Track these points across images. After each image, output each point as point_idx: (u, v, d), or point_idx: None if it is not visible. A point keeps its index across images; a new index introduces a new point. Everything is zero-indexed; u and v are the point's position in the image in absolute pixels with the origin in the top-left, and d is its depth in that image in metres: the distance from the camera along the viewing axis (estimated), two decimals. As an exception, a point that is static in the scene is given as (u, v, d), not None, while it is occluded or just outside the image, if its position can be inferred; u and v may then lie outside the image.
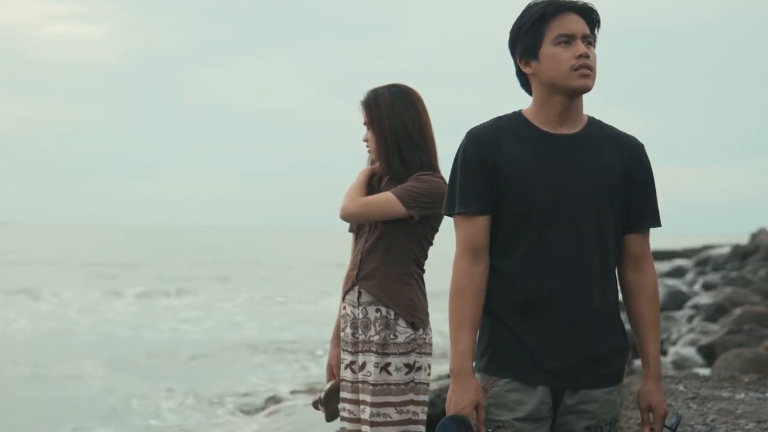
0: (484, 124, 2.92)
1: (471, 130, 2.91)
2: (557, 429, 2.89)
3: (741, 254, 34.13)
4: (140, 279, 35.97)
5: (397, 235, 3.91)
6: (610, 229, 2.86)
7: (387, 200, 3.86)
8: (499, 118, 2.92)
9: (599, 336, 2.87)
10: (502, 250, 2.87)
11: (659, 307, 2.94)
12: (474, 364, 2.90)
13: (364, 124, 4.01)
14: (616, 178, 2.86)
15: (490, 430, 2.86)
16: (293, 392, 11.32)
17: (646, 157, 2.94)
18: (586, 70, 2.81)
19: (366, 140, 4.02)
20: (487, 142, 2.86)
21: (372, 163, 4.07)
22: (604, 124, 2.95)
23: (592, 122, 2.92)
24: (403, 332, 3.88)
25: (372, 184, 4.02)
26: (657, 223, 2.94)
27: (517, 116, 2.91)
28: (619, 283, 2.96)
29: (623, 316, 2.98)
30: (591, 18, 2.87)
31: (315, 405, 4.17)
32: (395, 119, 3.92)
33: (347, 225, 4.10)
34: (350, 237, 4.14)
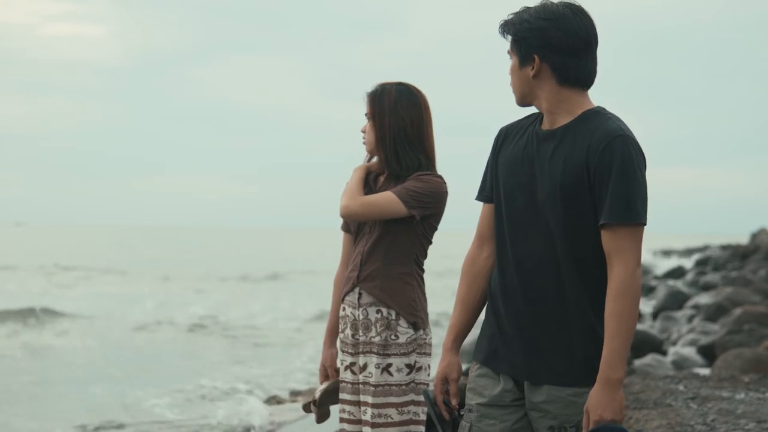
0: (513, 121, 3.11)
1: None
2: (532, 424, 2.96)
3: (741, 254, 34.14)
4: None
5: (397, 236, 3.91)
6: (566, 226, 2.87)
7: (389, 200, 3.86)
8: (527, 116, 3.08)
9: (556, 333, 2.89)
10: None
11: (624, 307, 2.80)
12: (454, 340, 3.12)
13: (366, 114, 4.02)
14: (574, 174, 2.85)
15: (462, 412, 3.04)
16: (293, 392, 11.33)
17: (613, 150, 2.82)
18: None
19: (364, 131, 4.04)
20: (499, 139, 3.08)
21: (368, 160, 4.08)
22: (598, 116, 2.91)
23: (583, 116, 2.92)
24: (405, 333, 3.88)
25: (367, 181, 4.03)
26: (611, 218, 2.81)
27: (537, 115, 3.03)
28: None
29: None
30: (507, 31, 2.98)
31: (306, 407, 4.16)
32: (396, 118, 3.94)
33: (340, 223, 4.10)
34: (342, 235, 4.15)
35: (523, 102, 3.00)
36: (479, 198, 3.11)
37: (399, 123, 3.94)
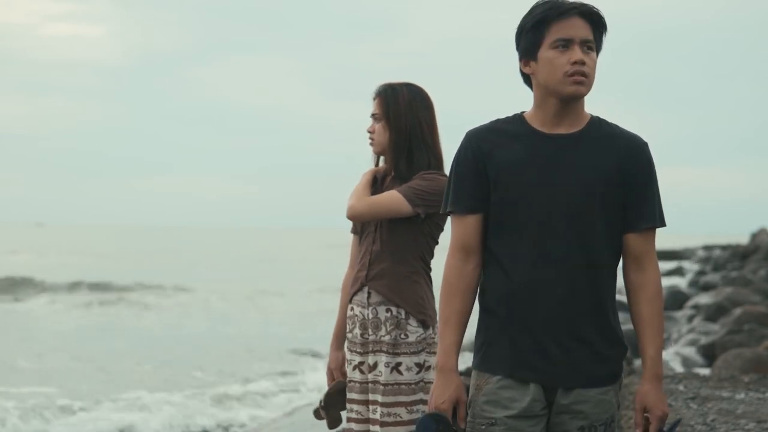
0: (481, 125, 2.99)
1: (468, 130, 2.99)
2: (552, 428, 2.92)
3: (741, 254, 34.16)
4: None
5: (404, 235, 3.93)
6: (600, 229, 2.88)
7: (393, 199, 3.87)
8: (497, 120, 2.98)
9: (586, 335, 2.89)
10: (497, 248, 2.93)
11: (662, 306, 2.93)
12: (472, 360, 2.99)
13: (373, 115, 4.02)
14: (608, 178, 2.87)
15: (483, 427, 2.91)
16: (293, 392, 11.33)
17: (646, 155, 2.92)
18: (579, 76, 2.84)
19: (371, 131, 4.03)
20: (481, 143, 2.93)
21: (376, 161, 4.08)
22: (608, 123, 2.96)
23: (594, 122, 2.94)
24: (414, 331, 3.89)
25: (376, 180, 4.04)
26: (655, 221, 2.92)
27: (516, 118, 2.96)
28: (624, 282, 3.00)
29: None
30: (597, 22, 2.89)
31: (316, 413, 4.14)
32: (412, 118, 3.95)
33: (350, 224, 4.10)
34: (351, 237, 4.15)
35: (579, 99, 2.89)
36: (460, 210, 2.95)
37: (415, 123, 3.95)
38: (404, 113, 3.95)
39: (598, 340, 2.90)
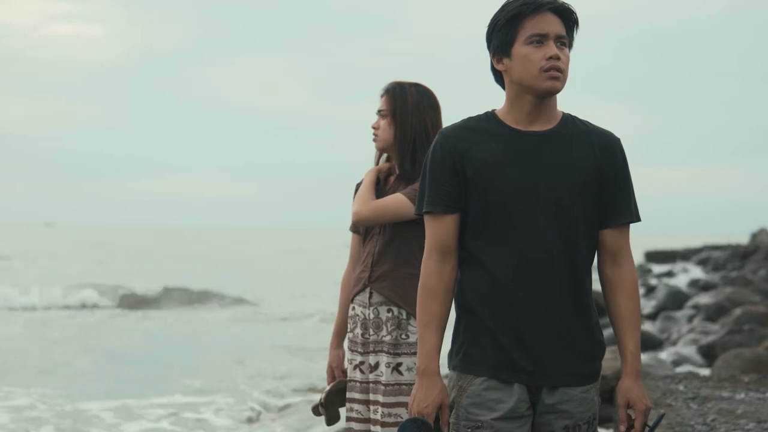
0: (454, 124, 2.97)
1: (441, 130, 2.97)
2: (537, 428, 2.91)
3: (741, 254, 34.18)
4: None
5: (407, 237, 3.94)
6: (581, 225, 2.87)
7: (399, 202, 3.88)
8: (469, 118, 2.95)
9: (571, 333, 2.88)
10: (477, 247, 2.90)
11: (639, 302, 2.93)
12: (449, 362, 2.96)
13: (379, 111, 4.03)
14: (586, 174, 2.87)
15: (469, 430, 2.88)
16: (293, 392, 11.34)
17: (621, 151, 2.93)
18: (555, 72, 2.83)
19: (375, 127, 4.04)
20: (455, 142, 2.90)
21: (378, 157, 4.09)
22: (579, 120, 2.96)
23: (567, 119, 2.94)
24: (415, 332, 3.89)
25: (379, 180, 4.05)
26: (631, 217, 2.92)
27: (489, 116, 2.94)
28: (599, 278, 3.00)
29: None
30: (569, 19, 2.89)
31: (315, 410, 4.16)
32: (418, 118, 3.96)
33: (349, 223, 4.11)
34: (350, 236, 4.15)
35: (554, 94, 2.89)
36: (437, 209, 2.90)
37: (421, 123, 3.96)
38: (411, 112, 3.96)
39: (582, 338, 2.90)
